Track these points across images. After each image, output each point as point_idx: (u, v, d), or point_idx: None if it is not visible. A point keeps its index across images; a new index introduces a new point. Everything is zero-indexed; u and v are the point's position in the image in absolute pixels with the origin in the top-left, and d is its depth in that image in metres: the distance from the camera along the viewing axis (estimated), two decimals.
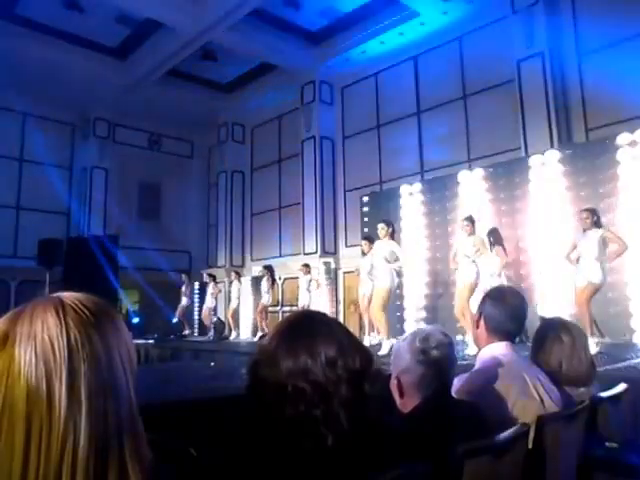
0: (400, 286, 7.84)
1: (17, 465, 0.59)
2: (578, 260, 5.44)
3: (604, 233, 5.36)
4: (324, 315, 1.01)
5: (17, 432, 0.60)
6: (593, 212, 5.47)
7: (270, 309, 10.35)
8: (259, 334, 9.81)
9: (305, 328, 0.96)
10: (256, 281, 10.96)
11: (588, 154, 7.08)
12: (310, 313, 1.06)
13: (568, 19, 8.31)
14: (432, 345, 1.51)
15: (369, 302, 6.80)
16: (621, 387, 2.03)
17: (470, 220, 6.18)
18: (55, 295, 0.69)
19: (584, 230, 5.44)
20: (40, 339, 0.63)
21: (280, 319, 1.35)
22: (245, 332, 11.10)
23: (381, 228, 6.61)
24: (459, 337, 6.24)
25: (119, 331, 0.70)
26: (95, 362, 0.65)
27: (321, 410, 0.86)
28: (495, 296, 1.98)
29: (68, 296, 0.69)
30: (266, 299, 9.96)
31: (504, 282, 6.12)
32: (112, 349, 0.67)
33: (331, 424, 0.86)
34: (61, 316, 0.65)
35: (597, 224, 5.42)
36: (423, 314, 8.39)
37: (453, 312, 6.38)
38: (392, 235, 6.62)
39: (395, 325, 7.90)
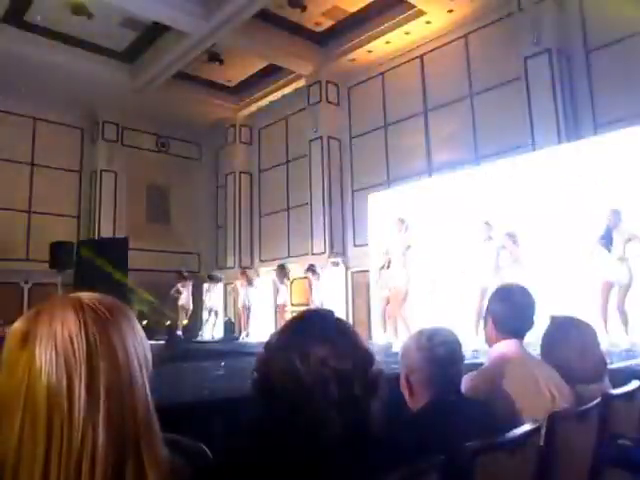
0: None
1: (40, 460, 0.61)
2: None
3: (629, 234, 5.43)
4: (327, 315, 1.00)
5: (39, 429, 0.62)
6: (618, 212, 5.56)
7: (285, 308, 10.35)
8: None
9: (300, 328, 0.96)
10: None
11: None
12: (311, 312, 1.05)
13: (575, 14, 8.25)
14: (438, 343, 1.52)
15: (388, 301, 6.82)
16: (634, 384, 2.01)
17: (488, 225, 6.15)
18: (73, 295, 0.71)
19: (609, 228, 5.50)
20: (60, 337, 0.64)
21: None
22: (257, 332, 11.08)
23: (395, 223, 6.57)
24: None
25: (135, 331, 0.72)
26: (113, 360, 0.66)
27: (312, 410, 0.87)
28: (502, 294, 1.99)
29: (86, 296, 0.71)
30: (285, 298, 10.00)
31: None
32: (129, 348, 0.69)
33: (321, 425, 0.86)
34: (80, 315, 0.67)
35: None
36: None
37: None
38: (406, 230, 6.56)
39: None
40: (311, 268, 9.79)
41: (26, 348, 0.64)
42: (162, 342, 9.62)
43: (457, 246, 7.85)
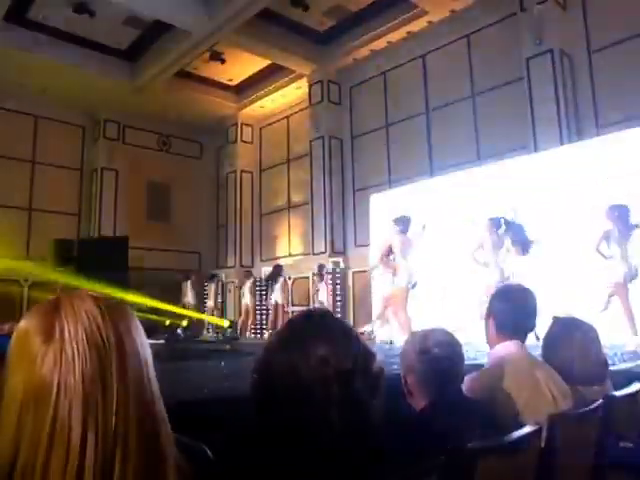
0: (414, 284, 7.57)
1: (74, 456, 0.60)
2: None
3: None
4: (326, 314, 1.01)
5: (74, 421, 0.61)
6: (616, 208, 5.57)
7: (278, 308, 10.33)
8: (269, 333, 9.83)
9: (300, 327, 0.96)
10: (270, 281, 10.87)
11: None
12: (310, 312, 1.05)
13: (578, 15, 8.23)
14: (431, 345, 1.52)
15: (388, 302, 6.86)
16: (636, 386, 2.00)
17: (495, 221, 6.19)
18: (81, 290, 0.71)
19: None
20: (89, 329, 0.65)
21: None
22: (256, 332, 11.08)
23: (392, 226, 6.64)
24: None
25: (140, 328, 0.73)
26: (136, 353, 0.68)
27: (312, 409, 0.87)
28: (502, 294, 1.99)
29: (93, 292, 0.71)
30: (281, 298, 10.00)
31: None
32: (143, 342, 0.71)
33: (322, 423, 0.86)
34: (102, 307, 0.68)
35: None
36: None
37: None
38: (404, 232, 6.63)
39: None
40: (320, 269, 9.82)
41: (51, 342, 0.64)
42: (161, 341, 9.59)
43: (459, 247, 7.84)
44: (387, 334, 7.20)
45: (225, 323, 11.43)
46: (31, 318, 0.67)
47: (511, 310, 1.87)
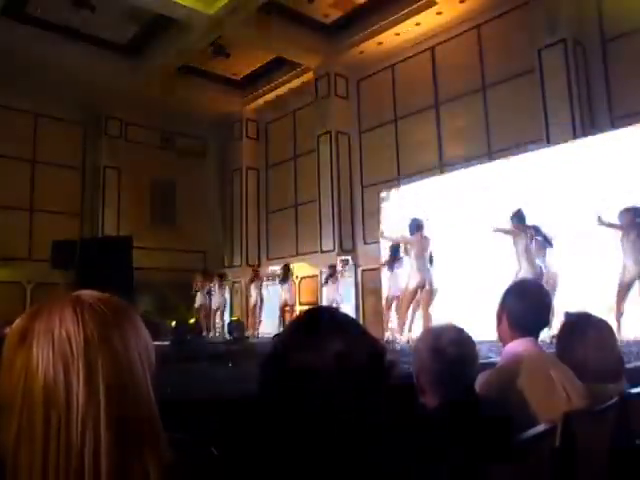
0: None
1: (38, 458, 0.61)
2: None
3: None
4: (335, 311, 1.03)
5: (36, 427, 0.63)
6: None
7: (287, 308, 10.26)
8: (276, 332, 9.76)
9: (312, 324, 0.96)
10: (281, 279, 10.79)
11: None
12: (320, 309, 1.09)
13: (591, 2, 8.08)
14: (444, 343, 1.51)
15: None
16: None
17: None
18: (74, 293, 0.72)
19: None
20: (57, 335, 0.65)
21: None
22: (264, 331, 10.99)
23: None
24: None
25: (137, 329, 0.72)
26: (113, 358, 0.67)
27: (327, 404, 0.86)
28: (517, 290, 1.94)
29: (86, 294, 0.72)
30: (290, 298, 9.97)
31: None
32: (130, 346, 0.69)
33: (338, 418, 0.86)
34: (78, 313, 0.67)
35: None
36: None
37: None
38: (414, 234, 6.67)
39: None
40: (331, 268, 9.77)
41: (24, 346, 0.66)
42: (167, 343, 9.51)
43: (470, 242, 7.74)
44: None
45: (232, 323, 11.37)
46: (18, 321, 0.69)
47: (526, 307, 1.83)
